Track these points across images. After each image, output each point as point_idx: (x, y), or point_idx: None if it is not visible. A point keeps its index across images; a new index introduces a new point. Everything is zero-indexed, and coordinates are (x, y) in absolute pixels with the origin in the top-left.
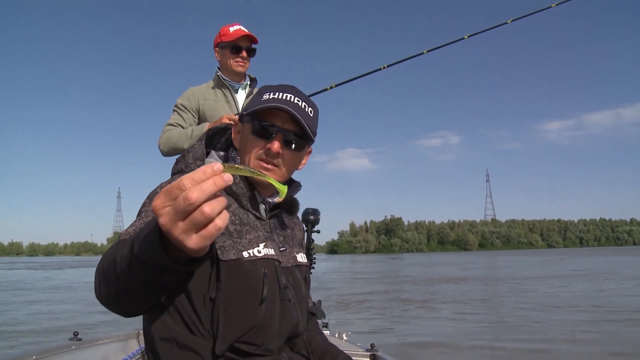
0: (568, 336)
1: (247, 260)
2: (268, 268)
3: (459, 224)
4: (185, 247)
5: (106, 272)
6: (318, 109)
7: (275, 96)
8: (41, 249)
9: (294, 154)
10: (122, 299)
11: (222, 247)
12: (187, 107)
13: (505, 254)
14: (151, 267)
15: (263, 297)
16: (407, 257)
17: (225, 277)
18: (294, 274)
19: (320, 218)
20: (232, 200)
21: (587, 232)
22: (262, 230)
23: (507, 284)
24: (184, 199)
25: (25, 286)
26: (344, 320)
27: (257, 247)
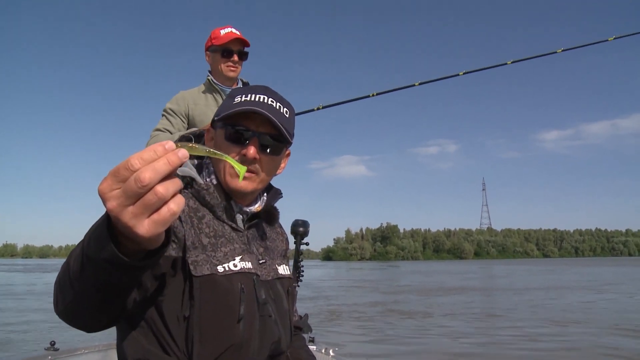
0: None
1: (222, 275)
2: (245, 283)
3: (454, 233)
4: (136, 235)
5: (61, 280)
6: (294, 109)
7: (247, 98)
8: (36, 251)
9: (271, 158)
10: (80, 310)
11: (195, 262)
12: (176, 111)
13: (501, 263)
14: (101, 264)
15: (240, 315)
16: (403, 264)
17: (199, 294)
18: (274, 287)
19: (310, 230)
20: (206, 211)
21: (583, 242)
22: (238, 242)
23: (507, 295)
24: (136, 180)
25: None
26: (335, 333)
27: (232, 261)
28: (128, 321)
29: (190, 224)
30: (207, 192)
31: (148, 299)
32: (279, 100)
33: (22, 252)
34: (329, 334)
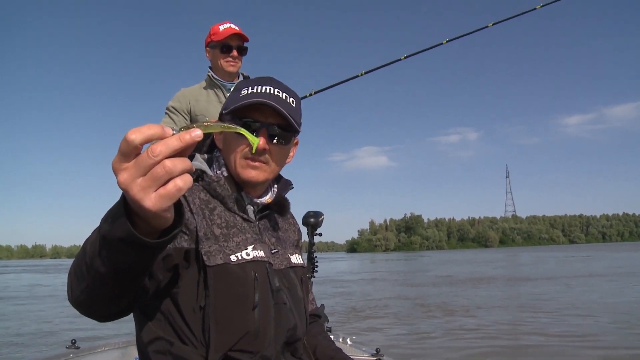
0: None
1: (235, 265)
2: (258, 271)
3: (479, 221)
4: (143, 209)
5: (76, 268)
6: (299, 98)
7: (253, 90)
8: (64, 251)
9: (281, 147)
10: (94, 297)
11: (209, 253)
12: (178, 109)
13: (528, 250)
14: (116, 244)
15: (255, 303)
16: (428, 254)
17: (213, 284)
18: (288, 275)
19: (324, 220)
20: (217, 203)
21: (610, 227)
22: (250, 232)
23: (542, 285)
24: (148, 151)
25: (23, 293)
26: (355, 329)
27: (245, 250)
28: (145, 314)
29: (202, 215)
30: (217, 184)
31: (163, 291)
32: (285, 90)
33: (50, 252)
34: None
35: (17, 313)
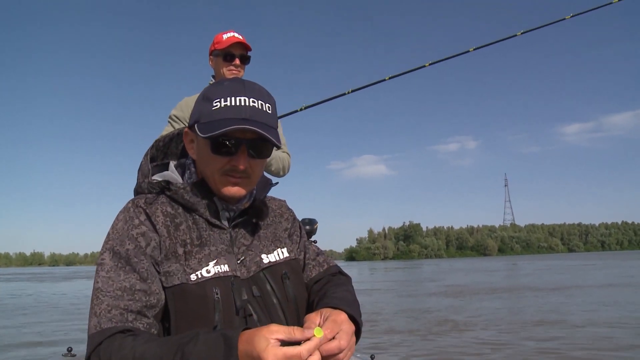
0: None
1: (194, 284)
2: (221, 287)
3: (477, 229)
4: None
5: None
6: (273, 98)
7: (227, 103)
8: (62, 259)
9: (262, 160)
10: None
11: (167, 273)
12: (180, 117)
13: (527, 259)
14: None
15: (215, 323)
16: (427, 263)
17: (173, 305)
18: (258, 281)
19: (317, 228)
20: (183, 217)
21: (609, 236)
22: (220, 242)
23: (545, 295)
24: None
25: (20, 302)
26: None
27: (206, 267)
28: None
29: (166, 234)
30: (184, 190)
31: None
32: (260, 97)
33: (49, 260)
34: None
35: (14, 321)
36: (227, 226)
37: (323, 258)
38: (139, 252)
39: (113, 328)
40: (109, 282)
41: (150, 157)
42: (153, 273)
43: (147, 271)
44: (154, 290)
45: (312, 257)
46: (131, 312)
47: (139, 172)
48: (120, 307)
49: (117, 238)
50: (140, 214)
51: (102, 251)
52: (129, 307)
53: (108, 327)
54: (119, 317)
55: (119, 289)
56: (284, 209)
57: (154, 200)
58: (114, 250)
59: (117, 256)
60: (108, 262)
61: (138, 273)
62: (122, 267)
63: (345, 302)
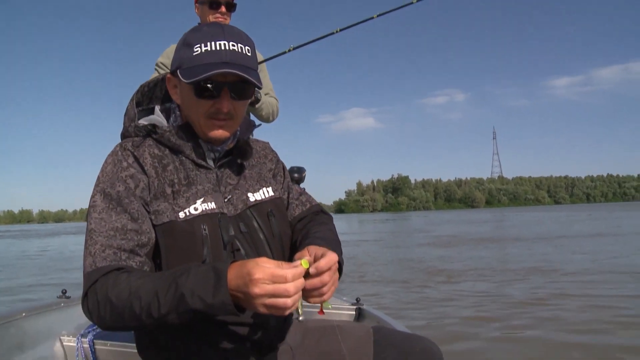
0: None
1: (182, 221)
2: (209, 224)
3: (465, 182)
4: (251, 309)
5: (126, 312)
6: (252, 40)
7: (208, 48)
8: (51, 216)
9: (243, 102)
10: (137, 328)
11: (157, 212)
12: (167, 65)
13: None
14: (210, 314)
15: (204, 257)
16: (415, 215)
17: (163, 242)
18: (245, 218)
19: (306, 176)
20: (170, 158)
21: (594, 189)
22: (206, 182)
23: (546, 244)
24: (285, 290)
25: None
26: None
27: (194, 205)
28: None
29: (154, 175)
30: (170, 133)
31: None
32: (239, 40)
33: (37, 217)
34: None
35: (6, 268)
36: (213, 166)
37: (306, 197)
38: (129, 194)
39: (108, 266)
40: (102, 223)
41: (135, 101)
42: (143, 213)
43: (137, 211)
44: (145, 230)
45: (295, 197)
46: (124, 251)
47: (125, 116)
48: (114, 247)
49: (108, 180)
50: (128, 156)
51: (93, 194)
52: (122, 246)
53: (103, 266)
54: (112, 257)
55: (112, 229)
56: (267, 150)
57: (141, 143)
58: (104, 192)
59: (108, 198)
60: (100, 203)
61: (129, 214)
62: (113, 208)
63: (327, 240)
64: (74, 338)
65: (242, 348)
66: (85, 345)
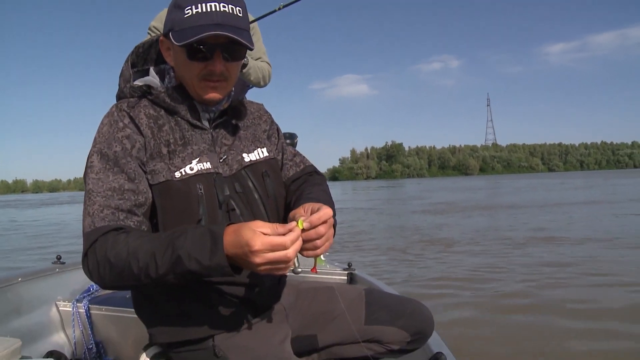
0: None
1: (178, 180)
2: (204, 184)
3: (459, 149)
4: (249, 270)
5: (125, 272)
6: (243, 1)
7: (199, 10)
8: (45, 185)
9: (236, 63)
10: (138, 287)
11: (153, 172)
12: (159, 29)
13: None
14: (207, 275)
15: (200, 216)
16: (409, 182)
17: (159, 202)
18: (240, 178)
19: (297, 142)
20: (166, 119)
21: (588, 156)
22: (201, 142)
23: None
24: (285, 256)
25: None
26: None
27: (189, 165)
28: None
29: (150, 135)
30: (165, 94)
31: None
32: (229, 1)
33: (32, 187)
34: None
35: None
36: (208, 127)
37: (300, 158)
38: (125, 154)
39: (106, 226)
40: (99, 184)
41: (130, 62)
42: (140, 173)
43: (134, 172)
44: (142, 190)
45: (289, 158)
46: (122, 211)
47: (121, 77)
48: (112, 207)
49: (104, 141)
50: (124, 117)
51: (90, 154)
52: (120, 206)
53: (101, 226)
54: (111, 217)
55: (109, 190)
56: (262, 112)
57: (137, 103)
58: (101, 153)
59: (105, 158)
60: (97, 164)
61: (126, 174)
62: (110, 168)
63: (321, 201)
64: (70, 303)
65: (237, 307)
66: (80, 310)
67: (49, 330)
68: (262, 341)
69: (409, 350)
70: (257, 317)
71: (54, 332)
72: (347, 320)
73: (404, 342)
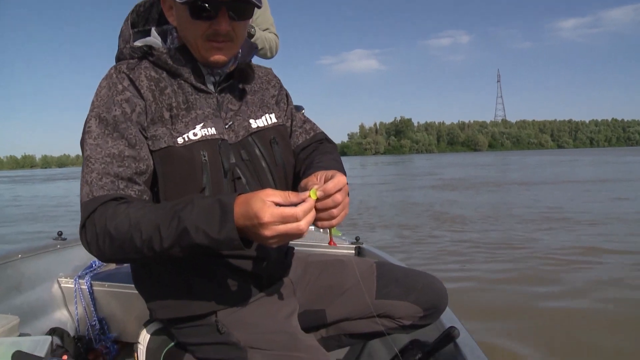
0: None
1: (181, 147)
2: (208, 150)
3: (468, 125)
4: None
5: (127, 245)
6: None
7: None
8: (54, 160)
9: (244, 22)
10: (140, 260)
11: (154, 137)
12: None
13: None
14: (215, 248)
15: (203, 184)
16: (418, 158)
17: (160, 169)
18: (247, 145)
19: (305, 112)
20: (169, 81)
21: (598, 133)
22: (206, 106)
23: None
24: (298, 228)
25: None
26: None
27: (193, 130)
28: None
29: (152, 98)
30: (167, 55)
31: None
32: None
33: (40, 162)
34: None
35: (1, 210)
36: (213, 90)
37: (310, 125)
38: (125, 118)
39: (106, 196)
40: (97, 150)
41: (130, 22)
42: (141, 139)
43: (134, 137)
44: (143, 157)
45: (299, 125)
46: (122, 179)
47: (120, 38)
48: (111, 175)
49: (103, 105)
50: (123, 79)
51: (87, 119)
52: (120, 174)
53: (100, 195)
54: (110, 185)
55: (108, 156)
56: (270, 76)
57: (137, 65)
58: (100, 117)
59: (104, 123)
60: (95, 129)
61: (126, 139)
62: (109, 133)
63: (333, 169)
64: (72, 280)
65: (241, 281)
66: (83, 286)
67: (51, 308)
68: (267, 316)
69: (421, 325)
70: (262, 291)
71: (56, 309)
72: (361, 292)
73: (416, 317)
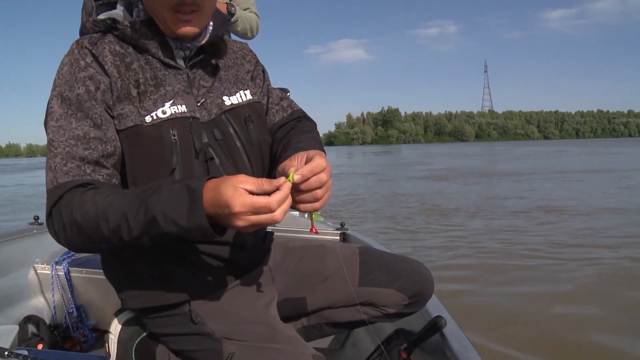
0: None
1: (149, 126)
2: (179, 129)
3: (455, 115)
4: (240, 231)
5: (95, 234)
6: None
7: None
8: (39, 149)
9: None
10: (108, 250)
11: (120, 115)
12: None
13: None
14: (185, 237)
15: (173, 165)
16: (405, 148)
17: (127, 149)
18: (220, 124)
19: (290, 95)
20: (135, 56)
21: (584, 124)
22: (177, 82)
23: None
24: (271, 219)
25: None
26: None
27: (162, 107)
28: None
29: (117, 74)
30: (132, 29)
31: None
32: None
33: (26, 151)
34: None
35: None
36: (184, 66)
37: (287, 102)
38: (90, 97)
39: (71, 182)
40: (60, 132)
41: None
42: (107, 119)
43: (100, 117)
44: (110, 138)
45: (275, 102)
46: (88, 163)
47: (83, 10)
48: (76, 159)
49: (65, 83)
50: (86, 55)
51: (49, 99)
52: (86, 157)
53: (66, 182)
54: (76, 170)
55: (72, 138)
56: (246, 51)
57: (100, 39)
58: (62, 96)
59: (67, 102)
60: (57, 109)
61: (91, 119)
62: (72, 114)
63: (312, 149)
64: (49, 266)
65: (217, 268)
66: (60, 273)
67: (27, 295)
68: (244, 305)
69: (407, 313)
70: (239, 279)
71: (32, 296)
72: (344, 279)
73: (401, 305)
